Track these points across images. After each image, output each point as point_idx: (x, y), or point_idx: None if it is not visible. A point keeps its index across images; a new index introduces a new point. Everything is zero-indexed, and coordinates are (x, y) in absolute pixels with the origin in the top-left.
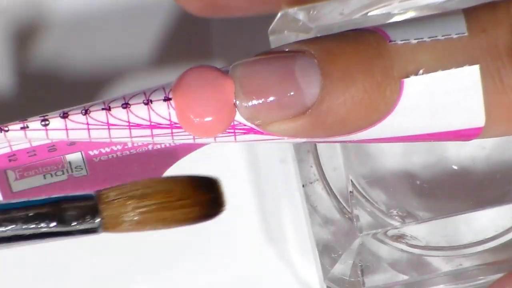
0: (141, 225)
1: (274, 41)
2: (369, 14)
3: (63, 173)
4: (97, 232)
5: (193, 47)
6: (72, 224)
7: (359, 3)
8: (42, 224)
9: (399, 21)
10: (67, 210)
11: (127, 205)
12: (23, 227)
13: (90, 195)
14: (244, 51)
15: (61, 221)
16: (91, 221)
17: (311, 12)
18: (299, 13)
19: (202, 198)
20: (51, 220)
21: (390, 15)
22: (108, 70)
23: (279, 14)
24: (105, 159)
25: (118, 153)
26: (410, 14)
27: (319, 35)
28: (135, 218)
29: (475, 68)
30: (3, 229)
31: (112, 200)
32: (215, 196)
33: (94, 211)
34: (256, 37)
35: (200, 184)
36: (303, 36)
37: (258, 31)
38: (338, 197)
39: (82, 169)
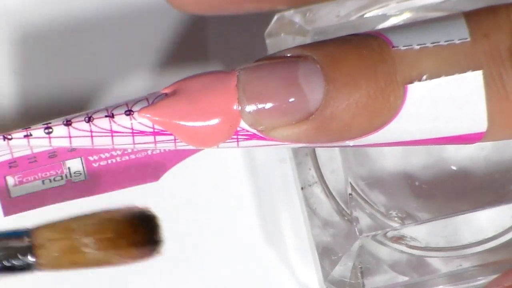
0: (76, 265)
1: (271, 43)
2: (365, 15)
3: (62, 178)
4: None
5: (189, 50)
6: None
7: (356, 5)
8: None
9: (400, 26)
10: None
11: (61, 246)
12: None
13: (26, 231)
14: (241, 53)
15: None
16: (25, 260)
17: (307, 15)
18: (296, 16)
19: (138, 238)
20: None
21: (386, 16)
22: (105, 72)
23: (275, 17)
24: (104, 164)
25: (118, 158)
26: (407, 15)
27: (318, 39)
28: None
29: (478, 74)
30: None
31: (47, 240)
32: (151, 236)
33: (28, 251)
34: (253, 40)
35: (136, 222)
36: (300, 39)
37: (254, 34)
38: (337, 199)
39: (80, 174)
